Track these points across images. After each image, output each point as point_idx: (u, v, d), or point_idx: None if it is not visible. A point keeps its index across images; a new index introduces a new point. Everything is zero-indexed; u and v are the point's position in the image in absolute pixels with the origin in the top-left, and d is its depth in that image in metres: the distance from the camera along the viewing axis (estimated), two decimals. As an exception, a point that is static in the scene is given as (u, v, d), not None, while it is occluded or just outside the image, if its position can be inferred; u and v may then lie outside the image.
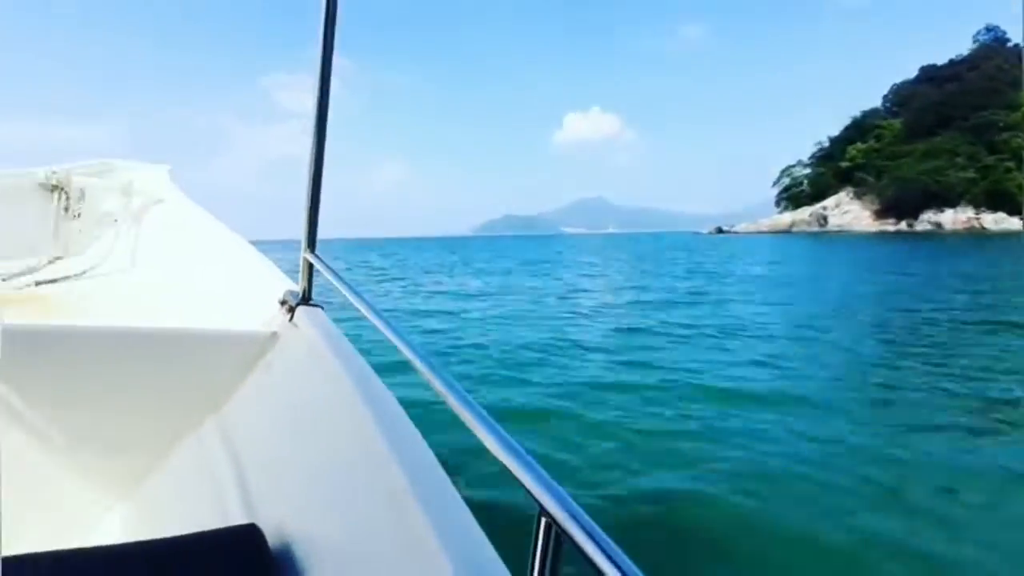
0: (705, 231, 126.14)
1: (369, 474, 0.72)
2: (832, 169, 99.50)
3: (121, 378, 1.08)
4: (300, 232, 1.16)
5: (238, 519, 0.89)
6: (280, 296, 1.25)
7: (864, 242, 53.50)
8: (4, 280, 1.86)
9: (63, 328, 1.09)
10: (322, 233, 1.20)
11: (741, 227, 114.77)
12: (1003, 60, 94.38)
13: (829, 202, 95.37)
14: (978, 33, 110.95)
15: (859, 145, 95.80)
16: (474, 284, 16.53)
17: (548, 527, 0.46)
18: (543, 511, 0.47)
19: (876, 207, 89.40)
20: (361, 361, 0.94)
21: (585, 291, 14.55)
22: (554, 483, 0.48)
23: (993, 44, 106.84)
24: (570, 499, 0.46)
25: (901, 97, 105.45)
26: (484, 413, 0.60)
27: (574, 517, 0.45)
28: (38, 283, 1.86)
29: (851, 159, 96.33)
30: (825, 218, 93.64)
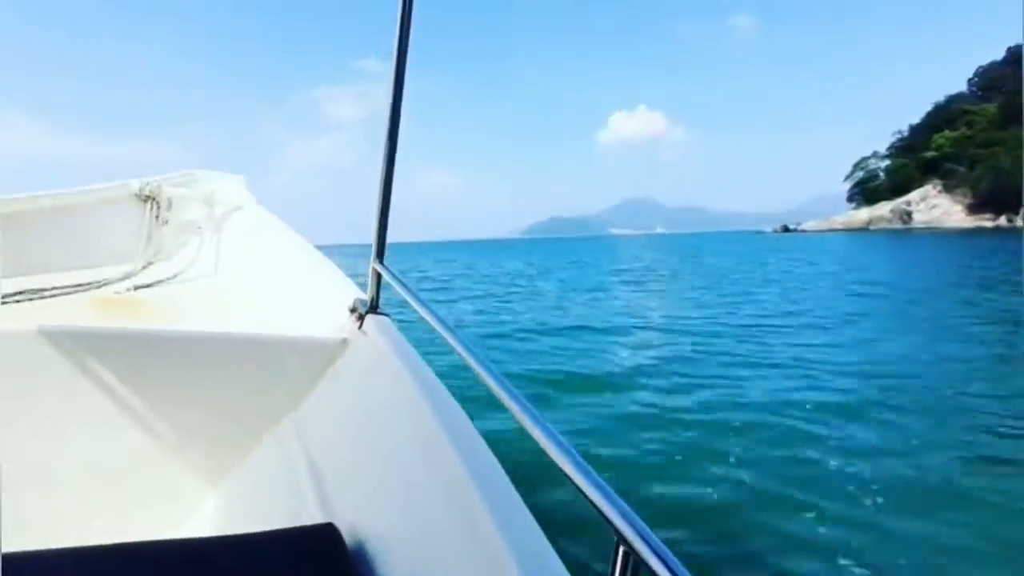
0: (769, 230, 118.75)
1: (436, 478, 0.74)
2: (915, 160, 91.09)
3: (210, 379, 1.17)
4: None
5: (314, 515, 0.95)
6: (349, 303, 1.32)
7: (963, 240, 47.11)
8: (107, 284, 2.02)
9: (161, 332, 1.19)
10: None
11: (810, 225, 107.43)
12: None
13: (913, 196, 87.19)
14: None
15: (947, 133, 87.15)
16: (620, 305, 12.15)
17: (626, 556, 0.46)
18: (621, 539, 0.47)
19: (969, 201, 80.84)
20: (427, 370, 0.97)
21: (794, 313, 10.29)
22: (632, 512, 0.48)
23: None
24: (649, 530, 0.46)
25: (989, 80, 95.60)
26: (557, 434, 0.59)
27: (654, 550, 0.44)
28: (136, 287, 2.01)
29: (938, 148, 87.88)
30: (909, 214, 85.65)
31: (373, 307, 1.24)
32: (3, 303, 1.58)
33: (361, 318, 1.23)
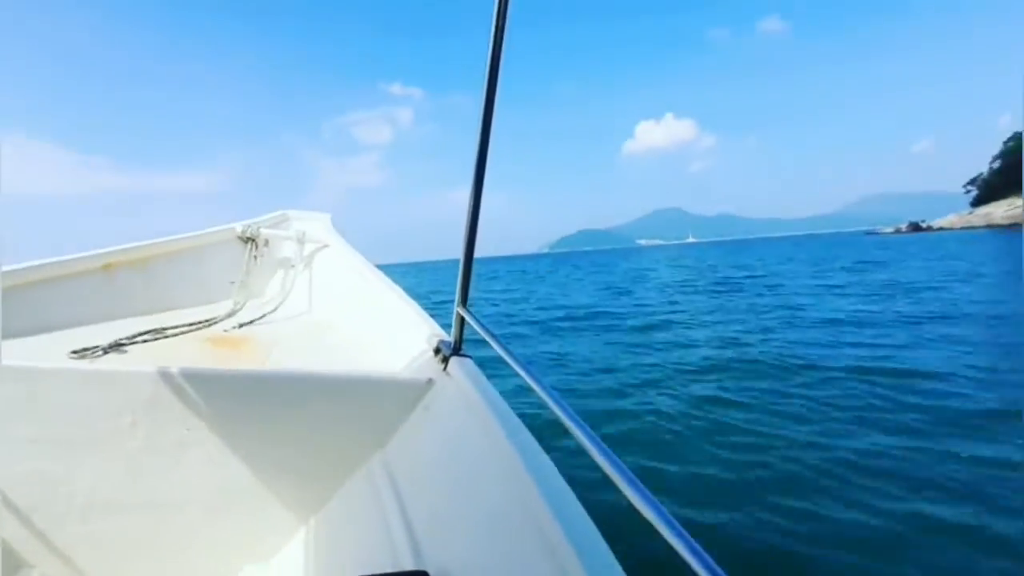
0: (888, 229, 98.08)
1: (524, 524, 0.74)
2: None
3: (304, 416, 1.23)
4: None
5: (404, 558, 0.96)
6: (432, 343, 1.39)
7: None
8: (216, 323, 2.09)
9: (261, 374, 1.25)
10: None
11: (947, 220, 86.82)
12: None
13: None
14: None
15: None
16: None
17: None
18: None
19: None
20: (510, 412, 1.00)
21: None
22: (700, 548, 0.46)
23: None
24: (715, 564, 0.45)
25: None
26: (636, 479, 0.59)
27: None
28: (240, 325, 2.09)
29: None
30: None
31: (457, 348, 1.28)
32: (132, 343, 1.67)
33: (446, 360, 1.28)
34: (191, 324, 2.00)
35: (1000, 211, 77.85)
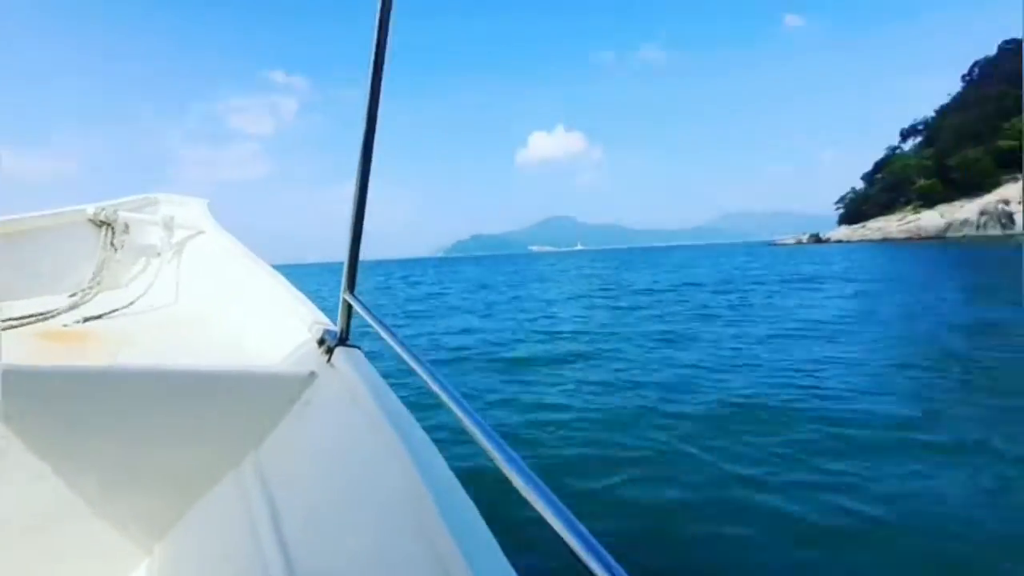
0: (791, 240, 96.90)
1: (407, 520, 0.72)
2: (991, 152, 71.55)
3: (162, 419, 1.07)
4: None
5: (272, 565, 0.90)
6: (316, 333, 1.28)
7: None
8: (54, 316, 1.85)
9: (107, 370, 1.08)
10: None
11: (840, 233, 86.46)
12: None
13: (1011, 193, 67.02)
14: None
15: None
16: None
17: None
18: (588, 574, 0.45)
19: (1095, 197, 61.45)
20: (399, 404, 0.95)
21: None
22: (601, 548, 0.46)
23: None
24: (619, 566, 0.44)
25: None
26: (528, 469, 0.58)
27: None
28: (86, 319, 1.86)
29: (1018, 135, 68.67)
30: (1011, 216, 65.10)
31: (343, 339, 1.20)
32: None
33: (330, 351, 1.19)
34: (21, 318, 1.74)
35: (895, 225, 77.68)
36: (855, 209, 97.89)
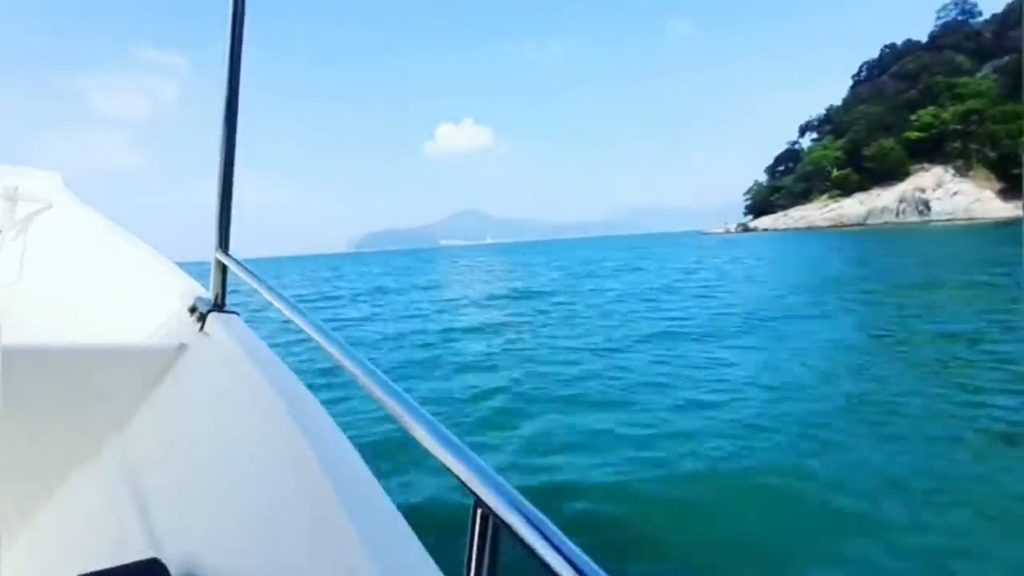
0: (719, 229, 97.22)
1: (293, 493, 0.68)
2: (900, 141, 74.67)
3: (7, 403, 0.95)
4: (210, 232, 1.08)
5: (139, 551, 0.84)
6: (189, 301, 1.17)
7: None
8: None
9: None
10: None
11: (766, 222, 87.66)
12: None
13: (925, 181, 69.95)
14: (944, 8, 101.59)
15: (952, 107, 71.52)
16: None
17: (484, 518, 0.44)
18: (479, 502, 0.44)
19: (998, 185, 65.27)
20: (284, 369, 0.89)
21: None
22: (490, 470, 0.45)
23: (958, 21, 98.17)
24: (508, 486, 0.44)
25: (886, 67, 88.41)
26: (415, 404, 0.57)
27: (514, 506, 0.42)
28: None
29: (927, 126, 72.14)
30: (927, 203, 67.81)
31: (218, 304, 1.10)
32: None
33: (203, 318, 1.09)
34: None
35: (817, 213, 79.46)
36: (763, 199, 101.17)
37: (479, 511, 0.44)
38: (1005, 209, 63.29)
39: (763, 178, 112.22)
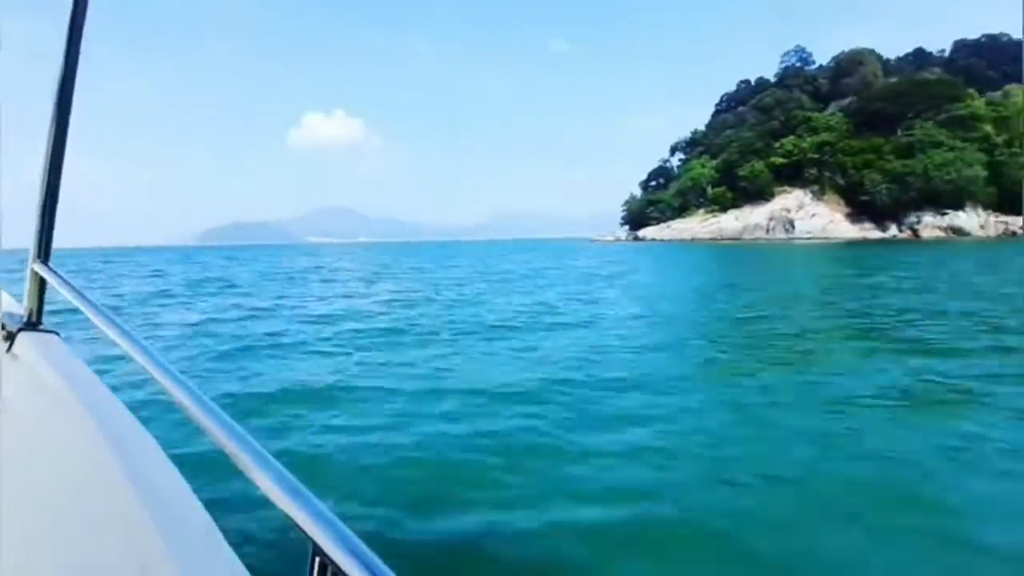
0: (610, 237, 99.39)
1: (118, 537, 0.61)
2: (768, 165, 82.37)
3: None
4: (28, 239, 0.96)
5: None
6: None
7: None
8: None
9: None
10: None
11: (653, 232, 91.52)
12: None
13: (789, 203, 77.44)
14: (786, 54, 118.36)
15: (810, 138, 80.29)
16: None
17: (323, 567, 0.41)
18: (316, 549, 0.42)
19: (846, 210, 74.35)
20: (109, 397, 0.81)
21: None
22: (330, 514, 0.43)
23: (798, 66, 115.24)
24: (350, 532, 0.41)
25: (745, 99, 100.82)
26: (249, 439, 0.54)
27: (355, 554, 0.39)
28: None
29: (789, 153, 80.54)
30: (792, 223, 75.03)
31: (32, 322, 0.99)
32: None
33: (11, 337, 0.97)
34: None
35: (699, 226, 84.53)
36: (639, 211, 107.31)
37: (317, 559, 0.42)
38: (854, 230, 72.11)
39: (638, 192, 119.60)
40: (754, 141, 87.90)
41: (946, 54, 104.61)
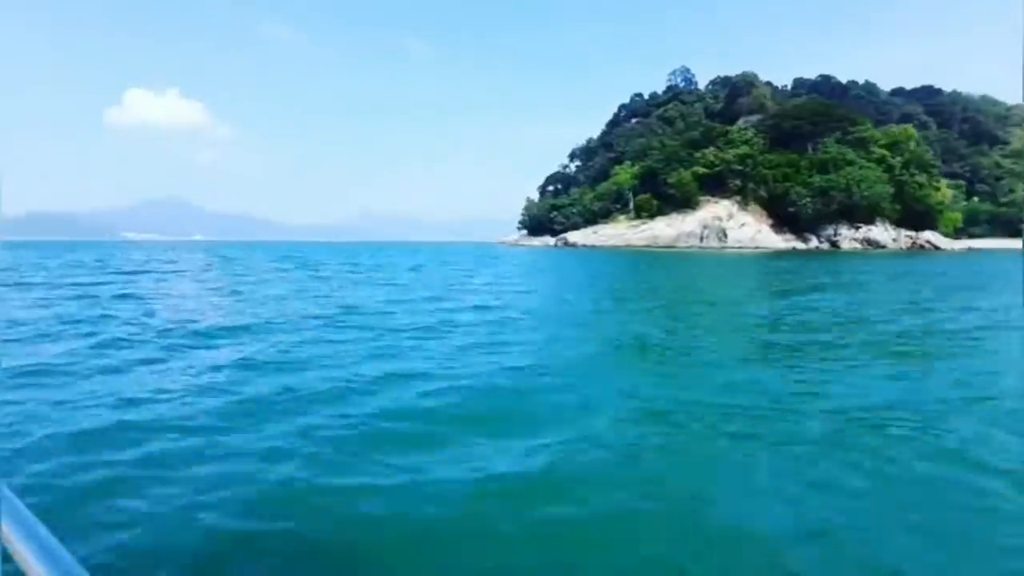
0: (536, 243, 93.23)
1: None
2: (693, 176, 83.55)
3: None
4: None
5: None
6: None
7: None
8: None
9: None
10: None
11: (582, 237, 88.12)
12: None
13: (720, 212, 78.84)
14: (672, 73, 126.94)
15: (731, 150, 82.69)
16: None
17: None
18: None
19: (770, 221, 77.68)
20: None
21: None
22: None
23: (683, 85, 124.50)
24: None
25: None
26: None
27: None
28: None
29: (711, 164, 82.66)
30: (725, 231, 76.33)
31: None
32: None
33: None
34: None
35: (632, 233, 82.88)
36: (542, 215, 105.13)
37: None
38: (780, 241, 75.24)
39: (528, 197, 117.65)
40: (678, 150, 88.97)
41: (788, 88, 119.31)
